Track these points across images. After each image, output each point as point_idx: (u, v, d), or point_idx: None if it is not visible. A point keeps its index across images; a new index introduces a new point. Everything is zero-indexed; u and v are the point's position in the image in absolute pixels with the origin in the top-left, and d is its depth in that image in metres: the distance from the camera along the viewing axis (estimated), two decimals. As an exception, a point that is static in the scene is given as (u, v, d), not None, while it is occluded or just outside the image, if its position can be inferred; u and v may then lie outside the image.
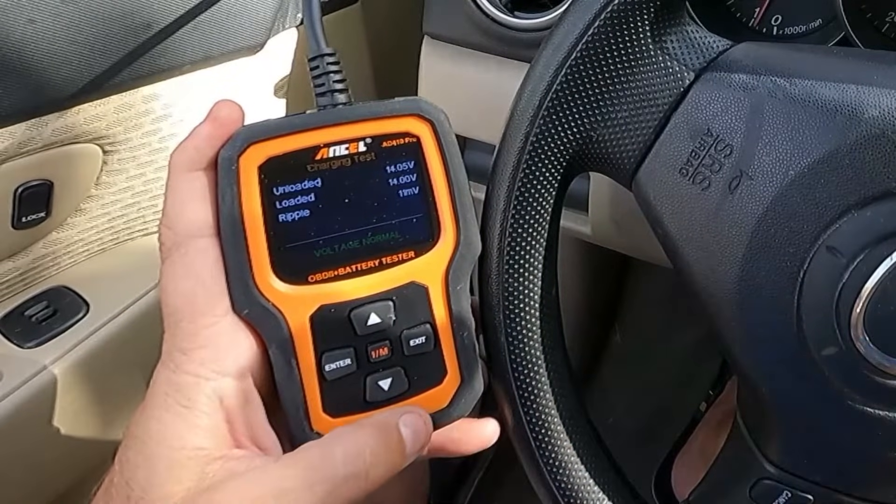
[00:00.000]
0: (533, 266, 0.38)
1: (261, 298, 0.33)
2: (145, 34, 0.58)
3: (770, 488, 0.36)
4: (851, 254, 0.32)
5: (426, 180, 0.36)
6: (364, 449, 0.32)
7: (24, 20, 0.52)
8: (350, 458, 0.32)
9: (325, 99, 0.35)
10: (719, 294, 0.34)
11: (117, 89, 0.59)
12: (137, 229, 0.70)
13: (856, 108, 0.32)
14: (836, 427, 0.33)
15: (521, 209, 0.37)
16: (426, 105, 0.36)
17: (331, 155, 0.34)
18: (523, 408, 0.39)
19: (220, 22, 0.62)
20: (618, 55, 0.35)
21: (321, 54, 0.36)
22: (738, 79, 0.34)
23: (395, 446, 0.33)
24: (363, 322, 0.34)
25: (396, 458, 0.33)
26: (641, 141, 0.36)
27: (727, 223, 0.34)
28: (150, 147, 0.65)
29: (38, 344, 0.60)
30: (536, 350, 0.39)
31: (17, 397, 0.56)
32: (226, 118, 0.33)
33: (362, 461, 0.32)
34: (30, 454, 0.59)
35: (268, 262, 0.33)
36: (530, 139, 0.36)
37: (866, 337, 0.32)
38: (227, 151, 0.33)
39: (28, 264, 0.62)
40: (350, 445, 0.32)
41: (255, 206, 0.33)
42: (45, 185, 0.59)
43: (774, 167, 0.33)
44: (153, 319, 0.62)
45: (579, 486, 0.39)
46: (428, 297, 0.36)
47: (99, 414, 0.64)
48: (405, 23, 0.73)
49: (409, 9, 0.69)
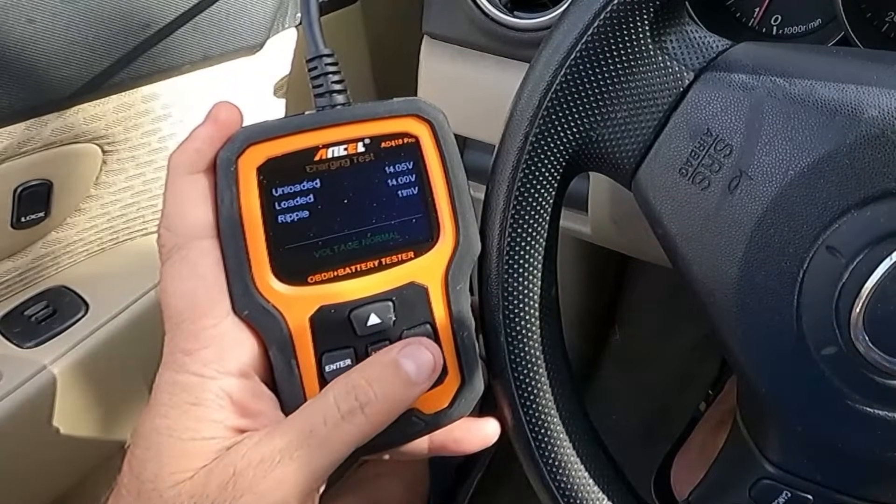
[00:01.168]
0: (532, 266, 0.38)
1: (260, 299, 0.33)
2: (145, 34, 0.58)
3: (770, 488, 0.36)
4: (851, 254, 0.32)
5: (425, 180, 0.36)
6: (357, 386, 0.33)
7: (24, 20, 0.52)
8: (342, 396, 0.32)
9: (324, 100, 0.35)
10: (719, 294, 0.34)
11: (117, 89, 0.59)
12: (137, 229, 0.70)
13: (855, 108, 0.32)
14: (836, 427, 0.33)
15: (521, 209, 0.37)
16: (425, 105, 0.36)
17: (329, 156, 0.34)
18: (523, 408, 0.39)
19: (220, 22, 0.62)
20: (617, 55, 0.35)
21: (319, 55, 0.36)
22: (738, 79, 0.34)
23: (393, 378, 0.33)
24: (363, 322, 0.34)
25: (401, 392, 0.33)
26: (641, 141, 0.36)
27: (727, 223, 0.34)
28: (150, 147, 0.65)
29: (37, 344, 0.60)
30: (536, 350, 0.39)
31: (17, 397, 0.56)
32: (225, 120, 0.33)
33: (354, 397, 0.32)
34: (29, 454, 0.59)
35: (267, 263, 0.33)
36: (530, 139, 0.36)
37: (866, 337, 0.32)
38: (225, 153, 0.33)
39: (27, 264, 0.62)
40: (341, 384, 0.33)
41: (254, 208, 0.33)
42: (45, 185, 0.59)
43: (774, 167, 0.33)
44: (153, 319, 0.62)
45: (579, 486, 0.39)
46: (428, 298, 0.36)
47: (98, 414, 0.64)
48: (405, 23, 0.73)
49: (409, 9, 0.69)
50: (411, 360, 0.34)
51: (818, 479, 0.35)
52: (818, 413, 0.34)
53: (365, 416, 0.32)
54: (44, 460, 0.60)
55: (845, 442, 0.33)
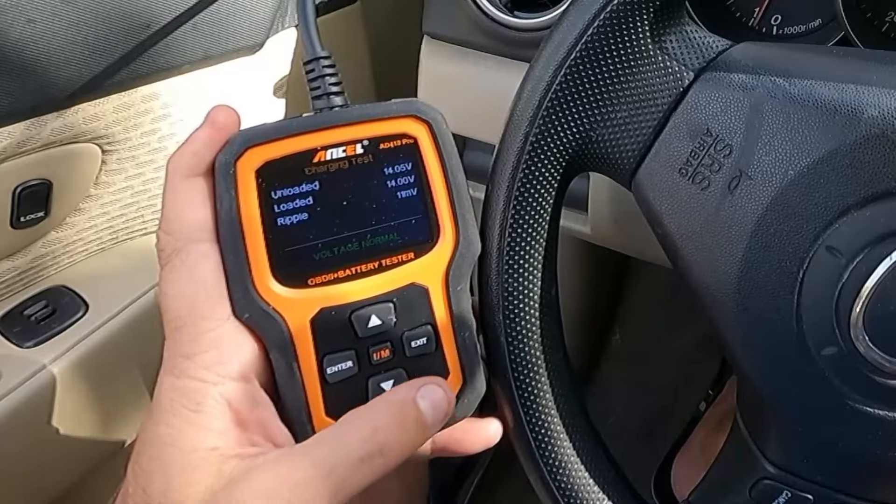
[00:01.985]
0: (532, 266, 0.38)
1: (261, 302, 0.33)
2: (144, 34, 0.58)
3: (770, 488, 0.36)
4: (851, 253, 0.32)
5: (424, 181, 0.36)
6: (378, 428, 0.32)
7: (24, 20, 0.52)
8: (364, 439, 0.32)
9: (322, 102, 0.35)
10: (719, 294, 0.34)
11: (117, 89, 0.59)
12: (136, 229, 0.70)
13: (855, 108, 0.32)
14: (836, 427, 0.33)
15: (521, 209, 0.37)
16: (423, 106, 0.35)
17: (328, 158, 0.34)
18: (523, 408, 0.39)
19: (219, 22, 0.62)
20: (617, 55, 0.35)
21: (316, 57, 0.36)
22: (738, 79, 0.34)
23: (412, 422, 0.33)
24: (364, 324, 0.34)
25: (416, 434, 0.33)
26: (641, 141, 0.36)
27: (727, 223, 0.34)
28: (149, 147, 0.65)
29: (36, 343, 0.60)
30: (536, 350, 0.39)
31: (16, 397, 0.56)
32: (223, 123, 0.33)
33: (376, 441, 0.32)
34: (29, 454, 0.59)
35: (267, 265, 0.33)
36: (530, 139, 0.36)
37: (866, 337, 0.32)
38: (224, 156, 0.33)
39: (27, 264, 0.62)
40: (364, 427, 0.32)
41: (253, 210, 0.33)
42: (44, 185, 0.59)
43: (774, 167, 0.33)
44: (152, 319, 0.62)
45: (579, 486, 0.39)
46: (428, 298, 0.36)
47: (98, 413, 0.64)
48: (405, 23, 0.73)
49: (409, 9, 0.69)
50: (428, 402, 0.33)
51: (818, 479, 0.35)
52: (818, 413, 0.34)
53: (384, 458, 0.32)
54: (43, 460, 0.60)
55: (845, 442, 0.33)
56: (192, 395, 0.31)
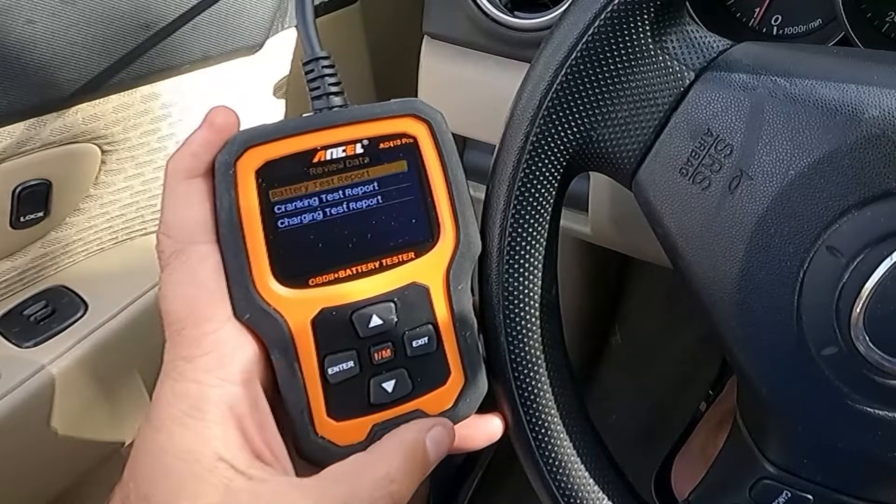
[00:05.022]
0: (533, 266, 0.38)
1: (262, 303, 0.33)
2: (144, 34, 0.58)
3: (770, 488, 0.36)
4: (851, 254, 0.32)
5: (424, 181, 0.36)
6: (391, 471, 0.32)
7: (23, 21, 0.52)
8: (377, 480, 0.32)
9: (321, 102, 0.35)
10: (719, 294, 0.34)
11: (116, 89, 0.59)
12: (136, 229, 0.70)
13: (856, 108, 0.32)
14: (836, 427, 0.33)
15: (521, 209, 0.37)
16: (422, 105, 0.35)
17: (328, 158, 0.34)
18: (523, 408, 0.39)
19: (219, 22, 0.62)
20: (618, 55, 0.35)
21: (315, 58, 0.36)
22: (738, 78, 0.34)
23: (420, 463, 0.34)
24: (365, 324, 0.34)
25: (422, 474, 0.34)
26: (641, 141, 0.36)
27: (727, 223, 0.34)
28: (149, 147, 0.65)
29: (36, 344, 0.59)
30: (536, 350, 0.39)
31: (16, 397, 0.56)
32: (222, 123, 0.33)
33: (387, 483, 0.32)
34: (28, 454, 0.59)
35: (267, 266, 0.33)
36: (530, 139, 0.36)
37: (866, 337, 0.32)
38: (223, 156, 0.33)
39: (26, 264, 0.62)
40: (378, 469, 0.33)
41: (253, 211, 0.33)
42: (44, 185, 0.59)
43: (774, 167, 0.33)
44: (152, 319, 0.62)
45: (579, 486, 0.39)
46: (429, 298, 0.36)
47: (97, 414, 0.64)
48: (405, 23, 0.73)
49: (409, 9, 0.69)
50: (435, 443, 0.34)
51: (818, 479, 0.35)
52: (818, 413, 0.34)
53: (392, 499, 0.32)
54: (43, 460, 0.60)
55: (845, 442, 0.33)
56: (192, 400, 0.31)
